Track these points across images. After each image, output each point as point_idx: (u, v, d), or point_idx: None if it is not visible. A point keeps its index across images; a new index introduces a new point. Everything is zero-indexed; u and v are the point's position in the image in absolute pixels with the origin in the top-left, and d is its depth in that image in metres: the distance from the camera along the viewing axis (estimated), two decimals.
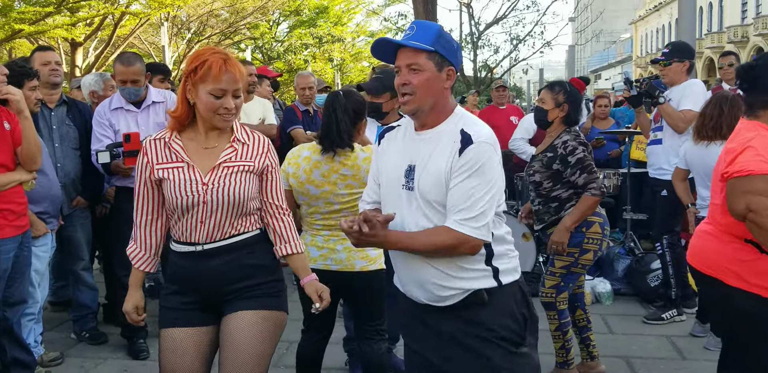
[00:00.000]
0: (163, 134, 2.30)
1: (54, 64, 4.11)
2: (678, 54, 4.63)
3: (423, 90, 2.03)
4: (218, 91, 2.16)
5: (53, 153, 3.92)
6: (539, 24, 19.87)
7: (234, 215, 2.27)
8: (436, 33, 2.05)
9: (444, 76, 2.06)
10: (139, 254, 2.36)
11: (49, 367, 3.76)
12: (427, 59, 2.03)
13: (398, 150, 2.16)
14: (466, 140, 1.99)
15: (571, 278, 3.54)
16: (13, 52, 19.30)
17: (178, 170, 2.23)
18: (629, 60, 53.16)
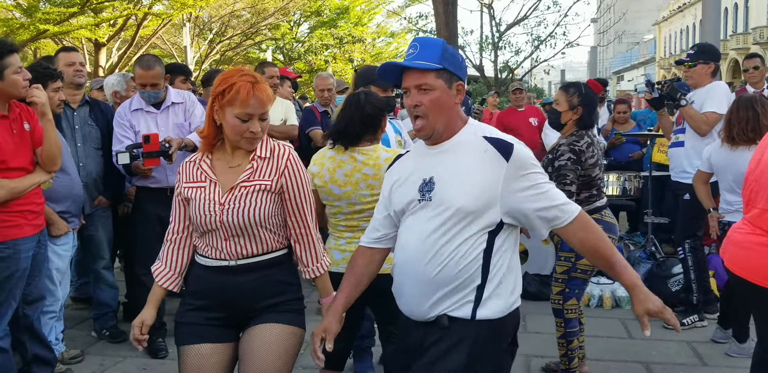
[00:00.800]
0: (196, 156, 2.35)
1: (78, 65, 4.17)
2: (703, 56, 4.58)
3: (435, 110, 1.99)
4: (245, 116, 2.19)
5: (75, 153, 3.96)
6: (561, 25, 19.74)
7: (257, 234, 2.26)
8: (440, 49, 2.00)
9: (454, 92, 2.03)
10: (164, 271, 2.37)
11: (69, 364, 3.81)
12: (436, 78, 1.99)
13: (411, 169, 2.10)
14: (500, 144, 1.97)
15: (575, 283, 3.49)
16: (38, 52, 19.57)
17: (202, 189, 2.27)
18: (652, 61, 52.67)
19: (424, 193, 2.01)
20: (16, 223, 3.03)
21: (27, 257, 3.09)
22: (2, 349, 3.08)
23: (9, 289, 3.05)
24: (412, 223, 2.05)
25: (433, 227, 1.98)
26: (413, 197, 2.04)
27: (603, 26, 32.00)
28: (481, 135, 2.01)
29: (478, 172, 1.96)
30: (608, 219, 3.52)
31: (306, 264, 2.38)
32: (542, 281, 5.24)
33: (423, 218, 2.01)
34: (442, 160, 2.03)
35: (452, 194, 1.96)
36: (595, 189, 3.51)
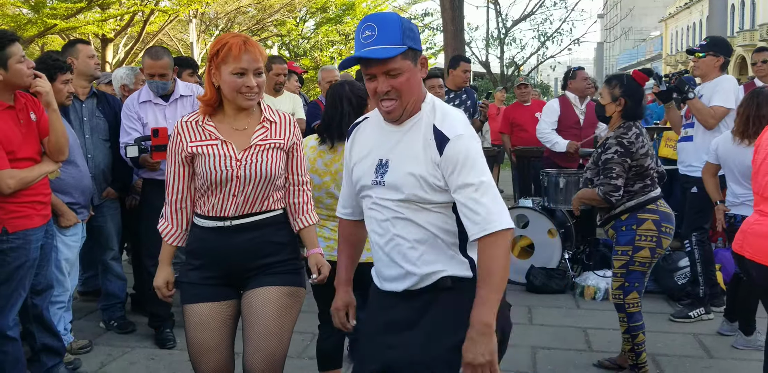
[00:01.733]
0: (195, 117, 2.40)
1: (96, 59, 4.25)
2: (715, 48, 4.58)
3: (407, 91, 1.92)
4: (239, 70, 2.25)
5: (84, 144, 3.98)
6: (567, 21, 19.68)
7: (264, 191, 2.37)
8: (399, 27, 1.87)
9: (419, 67, 1.95)
10: (169, 229, 2.46)
11: (78, 354, 3.84)
12: (402, 59, 1.88)
13: (369, 143, 2.06)
14: (439, 137, 1.90)
15: (634, 277, 3.47)
16: (45, 47, 19.60)
17: (214, 147, 2.33)
18: (659, 58, 52.47)
19: (379, 175, 1.99)
20: (25, 213, 3.05)
21: (36, 247, 3.11)
22: (12, 338, 3.10)
23: (19, 279, 3.07)
24: (374, 205, 2.02)
25: (392, 209, 1.96)
26: (369, 177, 2.01)
27: (609, 22, 31.94)
28: (432, 122, 1.94)
29: (424, 161, 1.91)
30: (664, 209, 3.50)
31: (298, 214, 2.48)
32: (548, 274, 5.24)
33: (382, 200, 1.99)
34: (398, 142, 1.98)
35: (402, 180, 1.93)
36: (648, 179, 3.49)
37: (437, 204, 1.94)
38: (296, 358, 3.86)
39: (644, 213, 3.45)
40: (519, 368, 3.73)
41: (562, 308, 4.86)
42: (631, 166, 3.43)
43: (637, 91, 3.53)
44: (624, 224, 3.49)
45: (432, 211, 1.95)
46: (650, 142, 3.60)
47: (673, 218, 3.53)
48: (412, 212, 1.95)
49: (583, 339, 4.22)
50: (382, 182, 1.97)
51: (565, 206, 5.46)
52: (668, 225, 3.47)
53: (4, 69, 2.92)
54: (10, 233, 3.00)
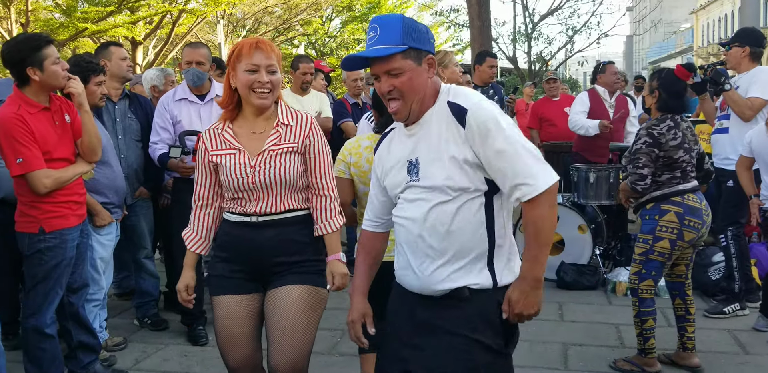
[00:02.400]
0: (217, 125, 2.50)
1: (129, 61, 4.30)
2: (739, 39, 4.52)
3: (410, 91, 1.91)
4: (252, 67, 2.33)
5: (117, 145, 4.05)
6: (595, 14, 19.46)
7: (285, 193, 2.44)
8: (401, 27, 1.89)
9: (425, 67, 1.94)
10: (193, 236, 2.54)
11: (113, 351, 3.91)
12: (403, 59, 1.89)
13: (396, 152, 2.07)
14: (456, 109, 1.90)
15: (651, 265, 3.54)
16: (77, 51, 19.94)
17: (230, 156, 2.42)
18: (690, 51, 51.56)
19: (412, 174, 1.99)
20: (62, 213, 3.12)
21: (72, 246, 3.18)
22: (50, 335, 3.18)
23: (56, 277, 3.14)
24: (408, 203, 2.02)
25: (429, 204, 1.95)
26: (404, 180, 2.02)
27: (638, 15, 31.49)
28: (446, 100, 1.94)
29: (450, 143, 1.91)
30: (691, 202, 3.49)
31: (321, 219, 2.49)
32: (579, 270, 5.20)
33: (416, 197, 1.99)
34: (420, 138, 1.99)
35: (434, 171, 1.93)
36: (678, 171, 3.51)
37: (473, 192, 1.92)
38: (326, 354, 3.89)
39: (668, 204, 3.49)
40: (550, 365, 3.71)
41: (593, 305, 4.81)
42: (658, 156, 3.48)
43: (673, 85, 3.58)
44: (648, 212, 3.57)
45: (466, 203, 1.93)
46: (693, 137, 3.60)
47: (701, 212, 3.51)
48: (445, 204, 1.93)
49: (615, 336, 4.18)
50: (417, 179, 1.98)
51: (595, 201, 5.41)
52: (693, 219, 3.47)
53: (41, 70, 2.99)
54: (47, 232, 3.08)
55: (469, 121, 1.87)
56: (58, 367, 3.23)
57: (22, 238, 3.11)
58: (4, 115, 2.96)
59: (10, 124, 2.93)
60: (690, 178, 3.57)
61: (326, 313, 4.54)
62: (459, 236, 1.95)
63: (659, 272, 3.56)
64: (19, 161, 2.95)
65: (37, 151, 2.98)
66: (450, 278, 1.96)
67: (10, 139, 2.94)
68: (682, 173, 3.53)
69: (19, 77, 3.03)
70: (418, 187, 1.98)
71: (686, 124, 3.59)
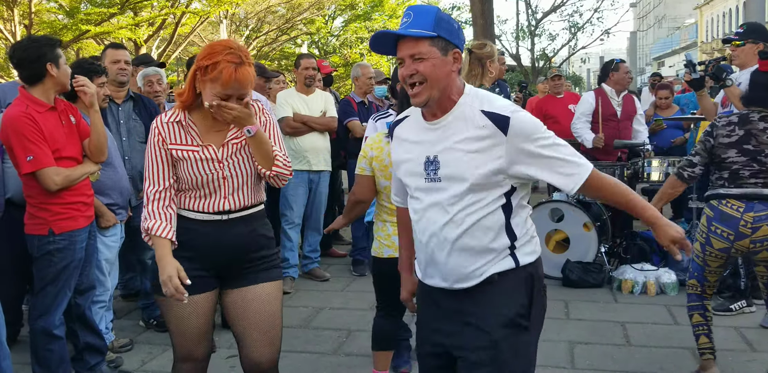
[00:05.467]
0: (176, 116, 2.41)
1: (123, 64, 4.21)
2: (753, 35, 4.47)
3: (432, 77, 1.94)
4: (224, 96, 2.29)
5: (121, 147, 4.06)
6: (598, 10, 19.41)
7: (251, 185, 2.46)
8: (434, 16, 1.95)
9: (450, 60, 1.97)
10: (160, 224, 2.38)
11: (119, 352, 3.91)
12: (430, 46, 1.94)
13: (413, 144, 2.09)
14: (497, 118, 1.94)
15: (694, 266, 3.51)
16: (80, 52, 19.99)
17: (194, 153, 2.38)
18: (694, 46, 51.35)
19: (430, 172, 2.02)
20: (70, 215, 3.14)
21: (81, 248, 3.20)
22: (58, 337, 3.19)
23: (65, 279, 3.16)
24: (427, 201, 2.05)
25: (449, 203, 2.00)
26: (419, 175, 2.05)
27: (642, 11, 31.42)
28: (479, 109, 1.97)
29: (479, 148, 1.95)
30: (725, 208, 3.28)
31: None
32: (584, 268, 5.18)
33: (436, 196, 2.02)
34: (443, 136, 2.01)
35: (459, 172, 1.97)
36: (726, 173, 3.31)
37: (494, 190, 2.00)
38: (332, 355, 3.89)
39: (706, 206, 3.38)
40: (557, 364, 3.70)
41: (599, 303, 4.80)
42: (713, 148, 3.31)
43: (753, 78, 3.42)
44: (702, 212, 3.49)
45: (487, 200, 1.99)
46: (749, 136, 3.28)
47: (736, 222, 3.25)
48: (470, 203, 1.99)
49: (621, 334, 4.17)
50: (438, 178, 2.01)
51: (600, 199, 5.39)
52: (720, 227, 3.29)
53: (57, 67, 3.06)
54: (57, 234, 3.10)
55: (513, 127, 1.93)
56: (65, 368, 3.24)
57: (32, 240, 3.13)
58: (13, 114, 3.00)
59: (19, 123, 2.97)
60: (742, 184, 3.27)
61: (332, 313, 4.61)
62: (480, 235, 2.00)
63: (701, 274, 3.45)
64: (29, 159, 2.97)
65: (47, 149, 3.00)
66: (475, 274, 2.02)
67: (20, 138, 2.96)
68: (730, 176, 3.29)
69: (32, 75, 3.06)
70: (437, 185, 2.02)
71: (765, 124, 3.27)
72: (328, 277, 5.42)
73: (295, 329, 4.28)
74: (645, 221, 2.05)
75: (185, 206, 2.44)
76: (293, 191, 5.27)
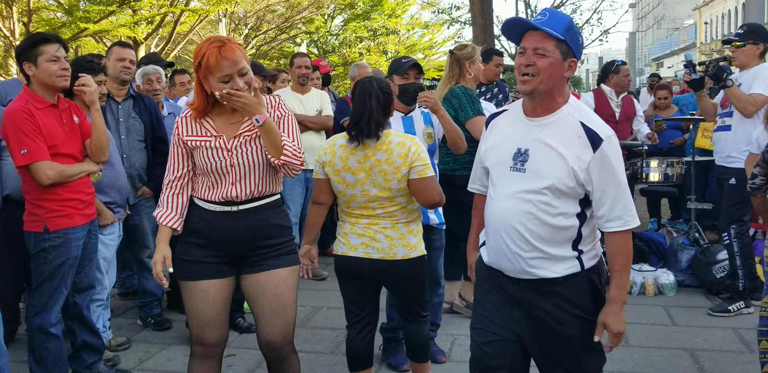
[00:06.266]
0: (191, 113, 2.57)
1: (127, 62, 4.19)
2: (753, 36, 4.47)
3: (546, 73, 2.06)
4: (225, 78, 2.40)
5: (120, 145, 4.05)
6: (597, 11, 19.43)
7: (262, 176, 2.54)
8: (567, 23, 2.09)
9: (566, 66, 2.10)
10: (168, 213, 2.59)
11: (116, 351, 3.90)
12: (555, 47, 2.07)
13: (507, 134, 2.22)
14: (592, 135, 2.06)
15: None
16: (79, 50, 19.95)
17: (207, 142, 2.51)
18: (693, 47, 51.43)
19: (517, 162, 2.15)
20: (66, 212, 3.13)
21: (78, 245, 3.18)
22: (55, 335, 3.18)
23: (61, 276, 3.14)
24: (508, 188, 2.17)
25: (530, 195, 2.12)
26: (506, 163, 2.17)
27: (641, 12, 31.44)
28: (578, 119, 2.10)
29: (571, 154, 2.07)
30: None
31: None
32: None
33: (518, 185, 2.14)
34: (539, 134, 2.13)
35: (547, 170, 2.09)
36: None
37: (571, 197, 2.11)
38: (329, 354, 3.88)
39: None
40: None
41: None
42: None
43: None
44: None
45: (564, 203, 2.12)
46: None
47: None
48: (547, 201, 2.10)
49: None
50: (523, 169, 2.13)
51: None
52: None
53: (35, 65, 3.03)
54: (51, 231, 3.09)
55: (603, 149, 2.06)
56: (62, 367, 3.23)
57: (29, 237, 3.13)
58: (12, 108, 3.03)
59: (17, 117, 2.98)
60: None
61: (329, 312, 4.60)
62: (553, 234, 2.12)
63: None
64: (23, 152, 2.98)
65: (42, 144, 3.01)
66: (543, 266, 2.15)
67: (16, 131, 2.98)
68: None
69: (23, 72, 3.09)
70: (521, 178, 2.13)
71: None
72: (326, 276, 5.43)
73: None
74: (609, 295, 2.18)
75: (200, 194, 2.57)
76: (290, 189, 5.26)
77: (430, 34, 27.13)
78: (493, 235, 2.23)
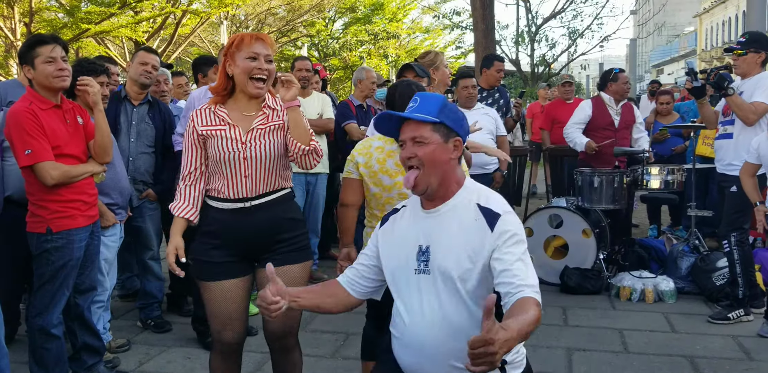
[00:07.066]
0: (207, 106, 2.63)
1: (149, 67, 4.17)
2: (755, 44, 4.48)
3: (430, 162, 1.96)
4: (252, 54, 2.49)
5: (128, 147, 4.09)
6: (598, 17, 19.45)
7: (273, 170, 2.59)
8: (440, 104, 2.01)
9: (451, 147, 2.00)
10: (183, 205, 2.64)
11: (116, 353, 3.90)
12: (432, 131, 1.98)
13: (405, 232, 2.07)
14: (489, 213, 1.94)
15: None
16: (80, 51, 19.96)
17: (222, 131, 2.55)
18: (693, 54, 51.53)
19: (420, 262, 1.99)
20: (69, 214, 3.13)
21: (80, 247, 3.19)
22: (56, 336, 3.18)
23: (63, 278, 3.15)
24: (417, 296, 2.00)
25: (440, 299, 1.96)
26: (410, 265, 2.01)
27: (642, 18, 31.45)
28: (475, 202, 1.99)
29: (470, 241, 1.94)
30: None
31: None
32: (582, 274, 5.19)
33: (427, 291, 1.98)
34: (437, 226, 2.00)
35: (450, 264, 1.94)
36: None
37: (483, 286, 1.94)
38: (330, 358, 3.88)
39: None
40: (554, 370, 3.70)
41: (597, 309, 4.80)
42: None
43: None
44: None
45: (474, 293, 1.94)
46: None
47: None
48: (454, 297, 1.94)
49: (619, 341, 4.17)
50: (427, 270, 1.98)
51: (599, 206, 5.40)
52: None
53: (33, 68, 3.04)
54: (54, 232, 3.09)
55: (499, 226, 1.92)
56: (62, 368, 3.23)
57: (31, 238, 3.13)
58: (16, 109, 3.04)
59: (21, 117, 2.99)
60: None
61: (330, 316, 4.59)
62: (472, 331, 1.88)
63: None
64: (27, 152, 2.98)
65: (46, 144, 3.01)
66: None
67: (20, 131, 2.99)
68: None
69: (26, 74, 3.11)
70: (428, 280, 1.97)
71: None
72: (326, 279, 5.42)
73: None
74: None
75: (214, 193, 2.60)
76: None
77: (431, 39, 27.19)
78: (405, 351, 2.03)
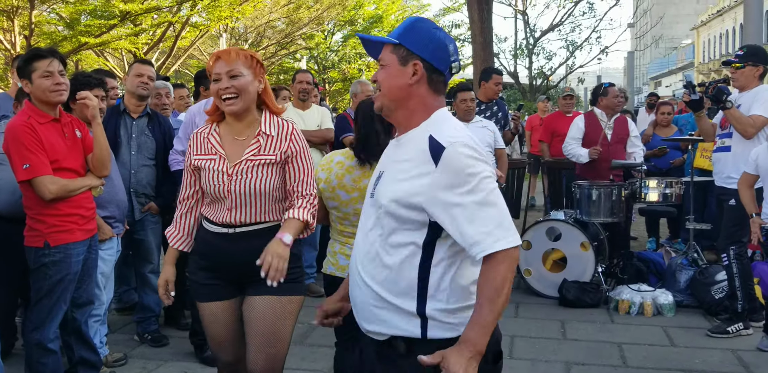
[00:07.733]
0: (204, 129, 2.60)
1: (146, 78, 4.19)
2: (753, 58, 4.50)
3: (385, 86, 1.82)
4: (215, 76, 2.44)
5: (129, 160, 4.09)
6: (596, 30, 19.56)
7: (261, 204, 2.51)
8: (406, 25, 1.83)
9: (409, 71, 1.78)
10: (176, 234, 2.65)
11: (113, 367, 3.88)
12: (390, 53, 1.82)
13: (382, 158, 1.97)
14: (434, 144, 1.70)
15: None
16: (80, 64, 20.03)
17: (212, 161, 2.51)
18: (691, 67, 51.78)
19: (374, 186, 1.86)
20: (67, 228, 3.13)
21: (78, 261, 3.18)
22: (52, 350, 3.16)
23: (60, 292, 3.14)
24: (364, 219, 1.89)
25: (370, 225, 1.83)
26: (370, 189, 1.91)
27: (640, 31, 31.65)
28: (429, 133, 1.74)
29: (412, 172, 1.73)
30: None
31: (292, 209, 2.49)
32: (581, 288, 5.17)
33: (366, 214, 1.88)
34: (393, 155, 1.86)
35: (386, 192, 1.77)
36: None
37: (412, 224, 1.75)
38: (328, 372, 3.85)
39: None
40: None
41: (596, 323, 4.79)
42: None
43: None
44: None
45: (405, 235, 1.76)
46: None
47: None
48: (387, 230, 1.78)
49: (618, 355, 4.15)
50: (373, 195, 1.85)
51: (597, 219, 5.40)
52: None
53: (30, 82, 3.05)
54: (52, 246, 3.08)
55: (443, 160, 1.68)
56: None
57: (29, 252, 3.13)
58: (14, 123, 3.04)
59: (19, 132, 2.99)
60: None
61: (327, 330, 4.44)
62: (389, 277, 1.76)
63: None
64: (25, 167, 2.98)
65: (44, 158, 3.01)
66: (376, 323, 1.79)
67: (18, 145, 2.98)
68: None
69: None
70: (371, 204, 1.86)
71: None
72: (323, 293, 5.39)
73: (291, 346, 4.22)
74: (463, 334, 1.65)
75: (207, 215, 2.58)
76: None
77: None
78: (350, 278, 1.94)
